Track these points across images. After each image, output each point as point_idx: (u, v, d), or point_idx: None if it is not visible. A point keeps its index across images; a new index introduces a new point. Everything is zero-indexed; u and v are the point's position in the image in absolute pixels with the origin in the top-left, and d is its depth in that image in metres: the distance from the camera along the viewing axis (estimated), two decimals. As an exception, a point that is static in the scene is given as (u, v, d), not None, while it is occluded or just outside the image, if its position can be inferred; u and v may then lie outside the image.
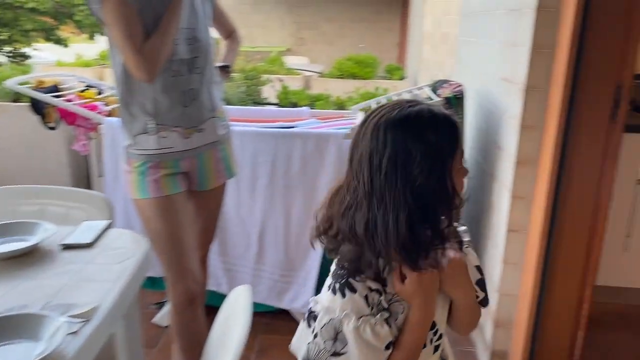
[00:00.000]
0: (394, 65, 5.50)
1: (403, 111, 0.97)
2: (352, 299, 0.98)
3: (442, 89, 2.50)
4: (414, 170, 0.94)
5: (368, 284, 0.99)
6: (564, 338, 2.06)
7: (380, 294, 1.00)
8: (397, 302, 1.03)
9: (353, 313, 0.98)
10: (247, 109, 2.83)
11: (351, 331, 0.98)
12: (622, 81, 1.76)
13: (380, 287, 1.00)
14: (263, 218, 2.35)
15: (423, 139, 0.95)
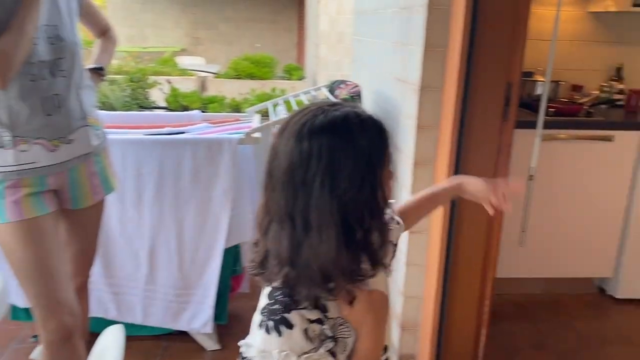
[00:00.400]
0: (292, 65, 5.41)
1: (328, 116, 0.87)
2: (290, 337, 0.87)
3: (340, 89, 2.43)
4: (343, 181, 0.84)
5: (306, 316, 0.88)
6: (468, 337, 2.06)
7: (322, 323, 0.89)
8: (342, 325, 0.92)
9: (293, 353, 0.86)
10: (132, 114, 2.60)
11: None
12: (512, 79, 1.77)
13: (320, 315, 0.89)
14: (152, 234, 2.15)
15: (353, 145, 0.85)
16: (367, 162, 0.86)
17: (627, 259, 2.77)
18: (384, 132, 0.90)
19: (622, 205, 2.72)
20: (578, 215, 2.72)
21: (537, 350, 2.40)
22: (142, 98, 2.94)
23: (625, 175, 2.69)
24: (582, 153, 2.66)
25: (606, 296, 2.87)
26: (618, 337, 2.50)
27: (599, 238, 2.76)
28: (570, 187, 2.67)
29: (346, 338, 0.92)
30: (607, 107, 3.04)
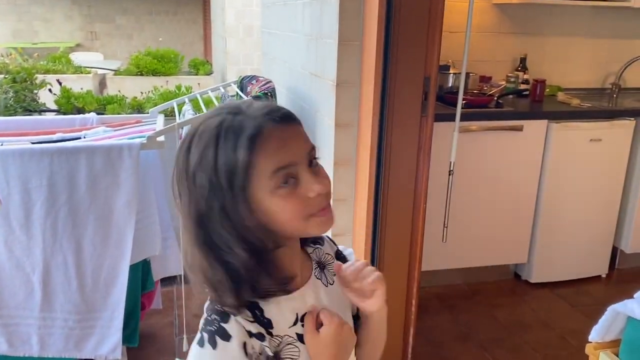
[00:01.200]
0: (199, 60, 5.15)
1: (204, 124, 0.78)
2: (225, 350, 0.76)
3: (251, 85, 2.28)
4: (200, 200, 0.75)
5: (246, 327, 0.78)
6: (396, 336, 2.00)
7: (263, 339, 0.79)
8: (290, 345, 0.82)
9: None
10: (16, 119, 2.30)
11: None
12: (430, 73, 1.72)
13: (262, 329, 0.80)
14: (45, 256, 1.89)
15: (203, 159, 0.75)
16: (224, 180, 0.74)
17: (539, 244, 2.86)
18: (254, 138, 0.74)
19: (533, 192, 2.80)
20: (492, 205, 2.76)
21: (462, 341, 2.40)
22: (28, 101, 2.62)
23: (535, 163, 2.76)
24: (493, 143, 2.70)
25: (522, 281, 2.96)
26: (536, 322, 2.57)
27: (513, 225, 2.82)
28: (483, 178, 2.71)
29: (294, 356, 0.83)
30: (514, 97, 3.11)
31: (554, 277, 2.93)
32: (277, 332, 0.81)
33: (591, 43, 3.39)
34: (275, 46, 2.73)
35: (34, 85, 2.74)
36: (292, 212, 0.76)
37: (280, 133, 0.76)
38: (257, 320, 0.80)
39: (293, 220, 0.77)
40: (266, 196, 0.75)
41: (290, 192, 0.75)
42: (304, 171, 0.76)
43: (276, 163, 0.74)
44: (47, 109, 2.65)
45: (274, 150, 0.74)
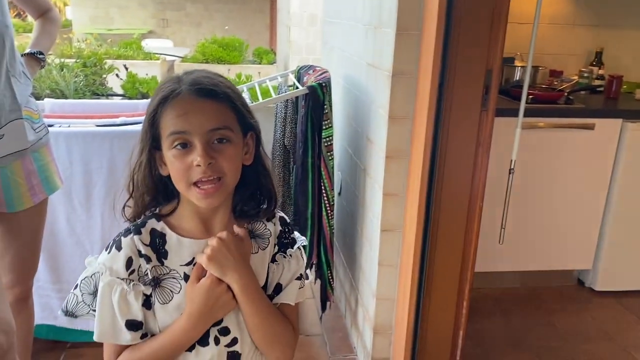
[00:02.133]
0: (263, 49, 5.20)
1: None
2: (114, 256, 0.93)
3: (307, 75, 2.26)
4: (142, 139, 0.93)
5: (138, 246, 0.92)
6: (445, 339, 1.94)
7: (148, 262, 0.92)
8: (172, 279, 0.94)
9: (109, 271, 0.91)
10: (84, 102, 2.39)
11: (101, 287, 0.91)
12: (492, 65, 1.63)
13: (153, 255, 0.93)
14: (103, 235, 1.97)
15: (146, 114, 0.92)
16: (148, 127, 0.91)
17: (607, 250, 2.69)
18: (162, 103, 0.88)
19: (602, 196, 2.63)
20: (557, 207, 2.62)
21: (514, 347, 2.30)
22: (97, 85, 2.72)
23: (606, 165, 2.59)
24: (561, 142, 2.55)
25: (585, 288, 2.80)
26: (597, 332, 2.42)
27: (579, 229, 2.67)
28: (547, 177, 2.57)
29: (173, 292, 0.93)
30: (586, 94, 2.93)
31: (621, 285, 2.75)
32: (168, 263, 0.94)
33: (677, 37, 3.14)
34: (335, 35, 2.69)
35: (102, 70, 2.84)
36: (177, 172, 0.89)
37: (186, 103, 0.87)
38: (152, 246, 0.93)
39: (178, 181, 0.90)
40: (166, 151, 0.89)
41: (181, 155, 0.88)
42: (199, 143, 0.87)
43: (172, 126, 0.87)
44: (114, 93, 2.74)
45: (174, 115, 0.87)
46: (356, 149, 2.20)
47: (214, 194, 0.89)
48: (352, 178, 2.28)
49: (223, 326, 0.96)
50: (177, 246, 0.94)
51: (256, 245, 1.00)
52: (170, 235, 0.94)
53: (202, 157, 0.86)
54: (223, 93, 0.90)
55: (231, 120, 0.91)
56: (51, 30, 1.74)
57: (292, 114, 2.13)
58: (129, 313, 0.92)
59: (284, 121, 2.17)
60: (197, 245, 0.95)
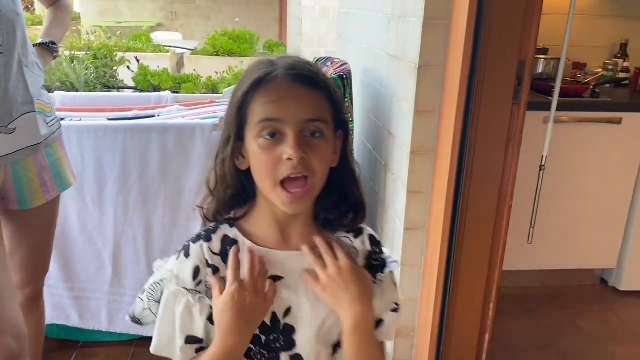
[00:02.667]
0: (274, 42, 5.10)
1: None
2: (182, 264, 0.86)
3: (326, 67, 2.19)
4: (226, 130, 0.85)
5: (205, 255, 0.85)
6: (470, 341, 1.87)
7: (216, 272, 0.85)
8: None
9: (177, 280, 0.84)
10: (95, 95, 2.33)
11: (166, 295, 0.85)
12: (525, 56, 1.55)
13: (223, 265, 0.84)
14: (116, 232, 1.91)
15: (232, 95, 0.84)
16: (234, 113, 0.82)
17: (632, 248, 2.60)
18: (255, 86, 0.79)
19: (629, 192, 2.54)
20: (581, 204, 2.53)
21: (541, 350, 2.22)
22: (107, 77, 2.65)
23: (633, 161, 2.50)
24: (586, 136, 2.47)
25: (608, 288, 2.71)
26: (626, 334, 2.34)
27: (603, 227, 2.58)
28: (572, 173, 2.48)
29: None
30: (611, 87, 2.83)
31: (647, 286, 2.67)
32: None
33: None
34: (352, 27, 2.61)
35: (113, 62, 2.77)
36: (263, 166, 0.79)
37: (282, 89, 0.78)
38: (222, 255, 0.85)
39: (263, 177, 0.80)
40: (252, 140, 0.80)
41: (269, 146, 0.78)
42: (291, 133, 0.77)
43: (264, 112, 0.78)
44: (125, 86, 2.67)
45: (268, 100, 0.78)
46: (376, 144, 2.12)
47: (300, 200, 0.79)
48: (371, 174, 2.21)
49: (295, 353, 0.86)
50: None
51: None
52: (244, 243, 0.85)
53: (295, 150, 0.76)
54: (322, 82, 0.81)
55: (327, 113, 0.81)
56: (63, 19, 1.68)
57: (311, 107, 2.06)
58: (191, 328, 0.84)
59: (302, 115, 2.10)
60: (273, 256, 0.85)
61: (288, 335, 0.86)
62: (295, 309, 0.85)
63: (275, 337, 0.86)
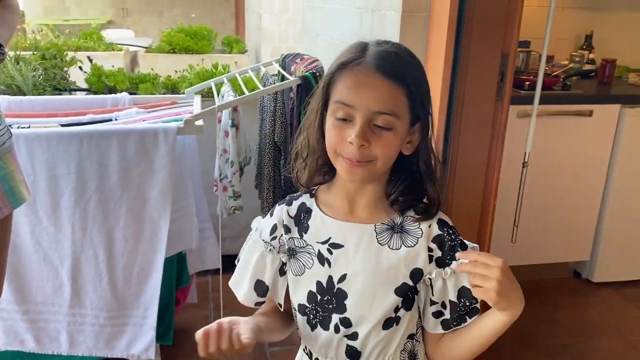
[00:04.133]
0: (232, 38, 4.93)
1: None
2: (267, 220, 0.99)
3: (295, 64, 2.08)
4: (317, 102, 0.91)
5: (282, 217, 0.96)
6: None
7: (287, 232, 0.96)
8: (307, 254, 0.93)
9: (259, 231, 0.98)
10: (45, 99, 2.14)
11: (249, 242, 0.99)
12: (508, 49, 1.48)
13: (295, 228, 0.95)
14: (74, 248, 1.75)
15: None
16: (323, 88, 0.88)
17: (604, 241, 2.61)
18: (340, 68, 0.85)
19: (600, 184, 2.54)
20: (554, 197, 2.51)
21: (525, 347, 2.19)
22: (58, 79, 2.46)
23: (604, 153, 2.50)
24: (557, 130, 2.44)
25: (582, 280, 2.72)
26: (604, 327, 2.34)
27: (576, 220, 2.57)
28: (544, 167, 2.45)
29: (306, 267, 0.93)
30: (578, 79, 2.83)
31: (619, 276, 2.68)
32: (307, 238, 0.94)
33: (663, 19, 3.07)
34: (319, 21, 2.51)
35: (64, 62, 2.58)
36: (330, 141, 0.86)
37: (362, 76, 0.82)
38: (295, 219, 0.96)
39: (330, 148, 0.86)
40: (329, 115, 0.86)
41: (339, 127, 0.84)
42: (360, 120, 0.82)
43: (341, 95, 0.84)
44: (78, 88, 2.49)
45: (347, 84, 0.83)
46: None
47: (358, 168, 0.84)
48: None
49: (345, 317, 0.91)
50: (320, 223, 0.93)
51: (399, 240, 0.90)
52: (316, 212, 0.94)
53: (357, 137, 0.81)
54: (403, 75, 0.83)
55: (402, 107, 0.83)
56: (9, 18, 1.50)
57: (282, 107, 1.94)
58: (262, 274, 0.97)
59: (273, 115, 1.98)
60: (338, 226, 0.92)
61: (340, 299, 0.91)
62: (350, 276, 0.90)
63: (329, 299, 0.92)
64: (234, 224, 2.64)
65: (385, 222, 0.91)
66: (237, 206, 2.00)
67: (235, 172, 1.95)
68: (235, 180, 1.96)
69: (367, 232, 0.90)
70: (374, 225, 0.90)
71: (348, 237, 0.91)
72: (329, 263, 0.91)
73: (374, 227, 0.90)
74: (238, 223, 2.65)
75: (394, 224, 0.91)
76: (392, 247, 0.89)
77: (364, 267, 0.89)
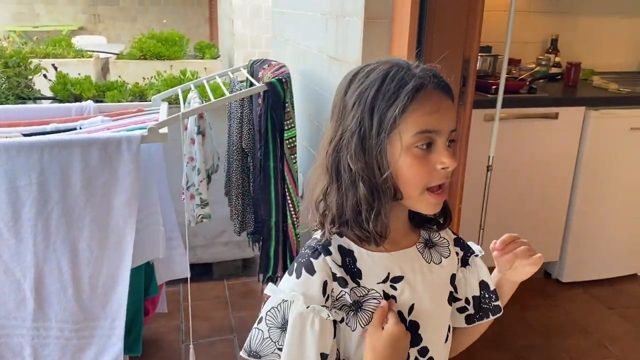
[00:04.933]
0: (204, 43, 4.91)
1: (372, 66, 0.85)
2: (306, 281, 0.82)
3: (263, 70, 2.07)
4: (350, 135, 0.83)
5: (332, 269, 0.83)
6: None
7: (345, 285, 0.83)
8: (373, 300, 0.84)
9: (304, 297, 0.81)
10: (6, 108, 2.09)
11: (294, 317, 0.81)
12: (470, 54, 1.50)
13: (348, 277, 0.84)
14: (37, 261, 1.71)
15: (362, 95, 0.81)
16: (375, 121, 0.82)
17: (573, 241, 2.65)
18: (414, 95, 0.79)
19: (567, 185, 2.59)
20: (522, 199, 2.55)
21: (495, 349, 2.21)
22: (22, 87, 2.42)
23: (570, 154, 2.55)
24: (524, 132, 2.48)
25: (552, 280, 2.76)
26: (572, 326, 2.37)
27: (545, 221, 2.61)
28: (511, 170, 2.49)
29: (367, 319, 0.85)
30: (545, 82, 2.88)
31: (587, 275, 2.73)
32: (365, 283, 0.84)
33: (626, 23, 3.15)
34: (287, 27, 2.51)
35: (28, 70, 2.53)
36: (416, 175, 0.80)
37: (438, 99, 0.80)
38: (344, 267, 0.84)
39: (412, 186, 0.80)
40: (402, 150, 0.79)
41: (423, 156, 0.79)
42: (442, 143, 0.80)
43: (423, 124, 0.78)
44: (42, 97, 2.45)
45: (426, 111, 0.78)
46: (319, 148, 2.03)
47: (443, 200, 0.84)
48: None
49: (422, 346, 0.90)
50: (370, 262, 0.86)
51: (438, 255, 0.93)
52: (360, 252, 0.86)
53: (452, 159, 0.80)
54: (451, 89, 0.84)
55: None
56: None
57: (249, 113, 1.93)
58: (325, 345, 0.82)
59: (240, 122, 1.97)
60: (389, 259, 0.87)
61: (414, 332, 0.88)
62: (417, 304, 0.88)
63: None
64: (206, 232, 2.63)
65: (420, 240, 0.92)
66: (205, 214, 1.98)
67: (203, 179, 1.93)
68: (203, 188, 1.95)
69: (415, 256, 0.90)
70: (415, 247, 0.91)
71: (404, 266, 0.88)
72: (395, 299, 0.87)
73: (416, 248, 0.91)
74: (210, 231, 2.64)
75: (426, 241, 0.93)
76: (436, 262, 0.92)
77: (426, 290, 0.89)
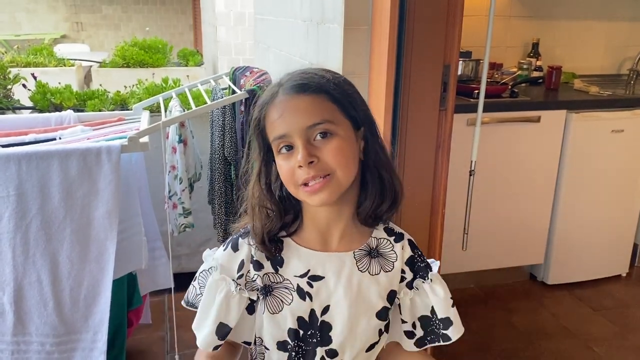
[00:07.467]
0: (188, 50, 4.89)
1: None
2: (229, 256, 0.91)
3: (245, 77, 2.06)
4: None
5: (252, 253, 0.90)
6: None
7: (259, 269, 0.89)
8: (284, 289, 0.89)
9: (221, 268, 0.90)
10: (-16, 119, 2.07)
11: (210, 282, 0.91)
12: (450, 60, 1.50)
13: (267, 262, 0.90)
14: (16, 274, 1.68)
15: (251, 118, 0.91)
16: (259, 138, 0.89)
17: (557, 243, 2.67)
18: (262, 109, 0.86)
19: (551, 188, 2.60)
20: (506, 203, 2.56)
21: (481, 352, 2.21)
22: (0, 97, 2.38)
23: (553, 157, 2.56)
24: (507, 136, 2.49)
25: (537, 283, 2.77)
26: (557, 328, 2.38)
27: (529, 224, 2.63)
28: (495, 174, 2.50)
29: (284, 303, 0.89)
30: (527, 86, 2.90)
31: (572, 277, 2.74)
32: (283, 272, 0.89)
33: (606, 26, 3.18)
34: (269, 34, 2.50)
35: (7, 80, 2.50)
36: (284, 175, 0.84)
37: (284, 102, 0.82)
38: (269, 255, 0.90)
39: (288, 185, 0.85)
40: (276, 157, 0.85)
41: (286, 158, 0.83)
42: (299, 142, 0.81)
43: (273, 131, 0.83)
44: (22, 107, 2.42)
45: (273, 118, 0.83)
46: (302, 156, 2.02)
47: (321, 189, 0.82)
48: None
49: (331, 348, 0.90)
50: (295, 255, 0.90)
51: (378, 265, 0.91)
52: (289, 243, 0.90)
53: (302, 157, 0.80)
54: (317, 84, 0.82)
55: (331, 111, 0.82)
56: None
57: (231, 121, 1.92)
58: (225, 316, 0.89)
59: (222, 129, 1.96)
60: (315, 257, 0.89)
61: (325, 332, 0.89)
62: (333, 307, 0.89)
63: (313, 333, 0.89)
64: (190, 241, 2.60)
65: (361, 247, 0.91)
66: (188, 224, 1.96)
67: (185, 188, 1.92)
68: (185, 197, 1.93)
69: (347, 261, 0.89)
70: (352, 252, 0.90)
71: (328, 268, 0.89)
72: (310, 296, 0.88)
73: (353, 254, 0.90)
74: (194, 240, 2.61)
75: (370, 249, 0.91)
76: (372, 273, 0.90)
77: (346, 296, 0.88)
